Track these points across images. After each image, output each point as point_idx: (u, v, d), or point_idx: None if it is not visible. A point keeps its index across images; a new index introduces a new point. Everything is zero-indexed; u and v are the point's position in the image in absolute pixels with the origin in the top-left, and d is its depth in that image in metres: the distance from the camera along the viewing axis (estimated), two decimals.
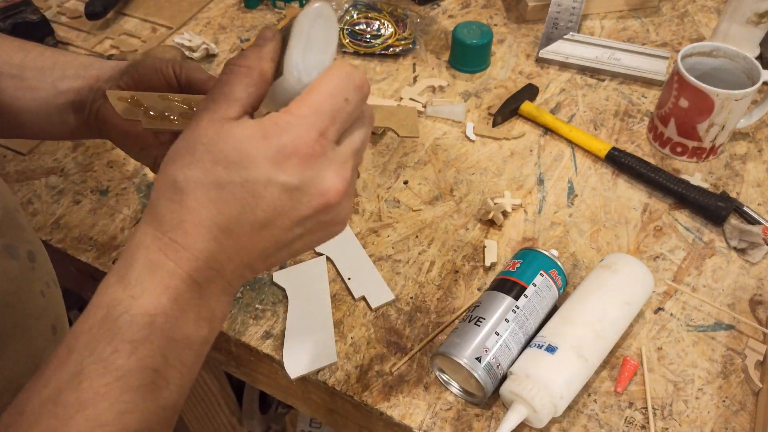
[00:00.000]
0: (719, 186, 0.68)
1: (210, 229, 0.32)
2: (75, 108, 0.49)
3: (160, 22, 0.92)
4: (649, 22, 0.90)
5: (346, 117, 0.33)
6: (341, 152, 0.33)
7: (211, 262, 0.32)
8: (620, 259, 0.56)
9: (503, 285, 0.54)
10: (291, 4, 0.94)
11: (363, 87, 0.34)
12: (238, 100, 0.33)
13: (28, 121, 0.50)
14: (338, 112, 0.32)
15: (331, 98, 0.32)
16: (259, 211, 0.31)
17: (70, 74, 0.49)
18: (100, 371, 0.30)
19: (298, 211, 0.32)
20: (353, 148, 0.34)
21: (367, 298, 0.59)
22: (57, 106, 0.49)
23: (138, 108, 0.44)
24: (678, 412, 0.52)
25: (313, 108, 0.32)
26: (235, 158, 0.31)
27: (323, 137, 0.32)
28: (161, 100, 0.45)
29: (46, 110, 0.50)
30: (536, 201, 0.68)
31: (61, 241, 0.65)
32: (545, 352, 0.50)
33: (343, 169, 0.33)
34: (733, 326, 0.57)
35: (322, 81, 0.33)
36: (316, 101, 0.32)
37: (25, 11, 0.85)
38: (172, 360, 0.32)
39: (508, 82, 0.81)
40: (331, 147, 0.32)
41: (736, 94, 0.64)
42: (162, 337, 0.31)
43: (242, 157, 0.31)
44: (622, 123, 0.76)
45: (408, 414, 0.52)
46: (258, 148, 0.31)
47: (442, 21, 0.92)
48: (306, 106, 0.32)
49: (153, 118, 0.45)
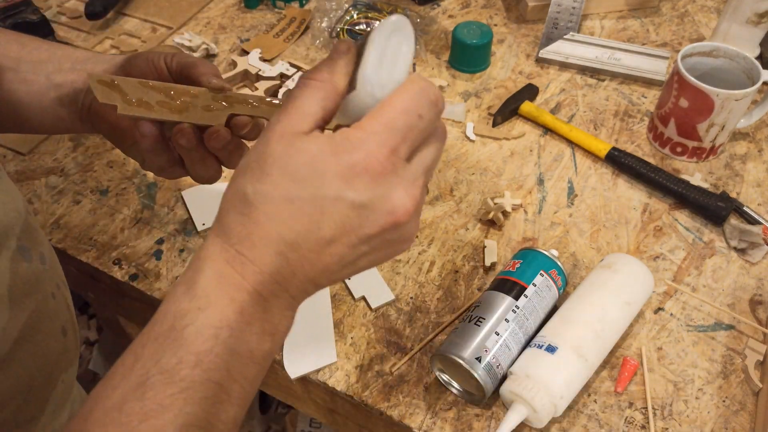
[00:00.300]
0: (719, 186, 0.68)
1: (277, 244, 0.32)
2: (69, 101, 0.49)
3: (160, 22, 0.92)
4: (649, 22, 0.90)
5: (419, 134, 0.33)
6: (412, 170, 0.33)
7: (277, 277, 0.32)
8: (620, 259, 0.56)
9: (503, 285, 0.54)
10: (291, 4, 0.94)
11: (438, 103, 0.33)
12: (311, 114, 0.33)
13: (22, 114, 0.50)
14: (411, 129, 0.32)
15: (404, 115, 0.32)
16: (326, 227, 0.31)
17: (65, 68, 0.49)
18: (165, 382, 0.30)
19: (365, 228, 0.32)
20: (424, 165, 0.33)
21: (367, 298, 0.59)
22: (51, 100, 0.49)
23: (116, 93, 0.44)
24: (678, 412, 0.52)
25: (385, 124, 0.31)
26: (305, 173, 0.31)
27: (394, 155, 0.31)
28: (141, 87, 0.45)
29: (40, 103, 0.50)
30: (536, 201, 0.68)
31: (61, 241, 0.65)
32: (545, 352, 0.50)
33: (413, 187, 0.32)
34: (733, 326, 0.57)
35: (396, 96, 0.32)
36: (389, 117, 0.32)
37: (25, 11, 0.85)
38: (234, 373, 0.32)
39: (508, 82, 0.81)
40: (401, 164, 0.32)
41: (736, 94, 0.64)
42: (226, 350, 0.31)
43: (312, 173, 0.31)
44: (622, 123, 0.76)
45: (408, 414, 0.52)
46: (328, 163, 0.31)
47: (442, 21, 0.92)
48: (378, 122, 0.32)
49: (129, 103, 0.44)
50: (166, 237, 0.65)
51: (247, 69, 0.81)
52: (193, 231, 0.65)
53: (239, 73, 0.81)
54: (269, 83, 0.79)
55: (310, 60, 0.85)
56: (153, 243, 0.65)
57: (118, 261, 0.63)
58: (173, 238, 0.65)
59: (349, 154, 0.31)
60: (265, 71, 0.80)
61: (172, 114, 0.45)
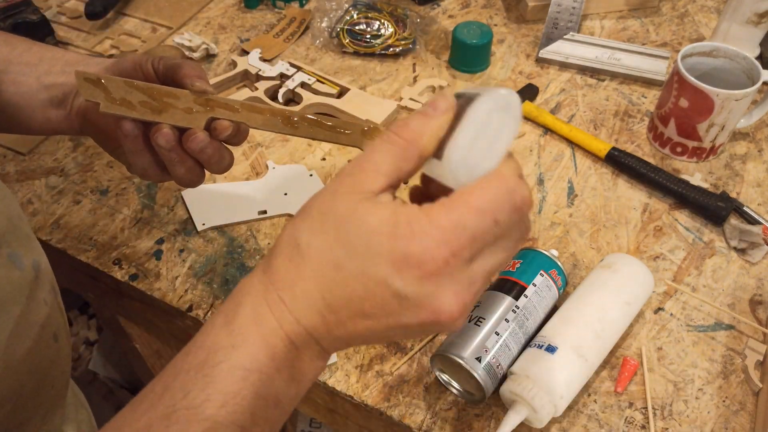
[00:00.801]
0: (719, 186, 0.68)
1: (317, 302, 0.31)
2: (58, 103, 0.50)
3: (160, 22, 0.92)
4: (649, 22, 0.90)
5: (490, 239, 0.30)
6: (470, 274, 0.30)
7: (312, 331, 0.32)
8: (620, 259, 0.56)
9: (503, 285, 0.54)
10: (291, 4, 0.94)
11: (523, 207, 0.30)
12: (386, 174, 0.31)
13: (10, 115, 0.50)
14: (483, 233, 0.29)
15: (479, 216, 0.29)
16: (367, 305, 0.31)
17: (55, 70, 0.50)
18: (190, 418, 0.30)
19: (404, 318, 0.31)
20: (486, 270, 0.31)
21: None
22: (41, 101, 0.50)
23: (100, 91, 0.45)
24: (678, 412, 0.52)
25: (455, 222, 0.29)
26: (359, 247, 0.30)
27: (455, 257, 0.29)
28: (125, 86, 0.45)
29: (30, 105, 0.50)
30: (536, 201, 0.67)
31: (61, 241, 0.65)
32: (545, 352, 0.50)
33: (467, 292, 0.30)
34: (733, 326, 0.57)
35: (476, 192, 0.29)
36: (461, 216, 0.29)
37: (25, 11, 0.85)
38: (257, 418, 0.32)
39: (508, 82, 0.81)
40: (460, 267, 0.29)
41: (736, 94, 0.64)
42: (253, 394, 0.31)
43: (365, 250, 0.30)
44: (622, 123, 0.76)
45: (408, 414, 0.52)
46: (383, 245, 0.29)
47: (442, 21, 0.92)
48: (448, 217, 0.29)
49: (111, 101, 0.45)
50: (166, 237, 0.65)
51: (247, 69, 0.81)
52: (193, 231, 0.65)
53: (239, 73, 0.81)
54: (269, 83, 0.79)
55: (310, 60, 0.85)
56: (153, 243, 0.65)
57: (118, 261, 0.63)
58: (173, 238, 0.65)
59: (407, 242, 0.29)
60: (265, 71, 0.80)
61: (153, 114, 0.45)
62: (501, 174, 0.30)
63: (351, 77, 0.83)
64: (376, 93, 0.80)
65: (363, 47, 0.85)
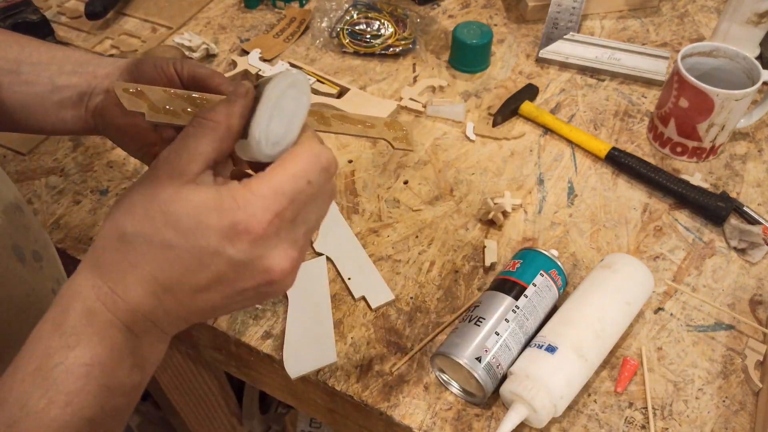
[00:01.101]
0: (719, 186, 0.68)
1: (151, 285, 0.32)
2: (72, 104, 0.50)
3: (160, 22, 0.92)
4: (649, 22, 0.90)
5: (306, 198, 0.33)
6: (294, 231, 0.33)
7: (149, 315, 0.33)
8: (620, 259, 0.56)
9: (503, 285, 0.54)
10: (291, 4, 0.94)
11: (329, 168, 0.34)
12: (202, 154, 0.33)
13: (24, 116, 0.50)
14: (299, 194, 0.33)
15: (293, 180, 0.32)
16: (202, 277, 0.32)
17: (67, 70, 0.49)
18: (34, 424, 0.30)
19: (240, 283, 0.33)
20: (308, 227, 0.34)
21: (367, 298, 0.59)
22: (54, 102, 0.49)
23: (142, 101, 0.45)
24: (678, 412, 0.52)
25: (273, 188, 0.32)
26: (188, 224, 0.31)
27: (278, 218, 0.32)
28: (165, 94, 0.46)
29: (43, 105, 0.50)
30: (536, 201, 0.68)
31: (61, 241, 0.65)
32: (545, 352, 0.50)
33: (293, 248, 0.33)
34: (733, 326, 0.57)
35: (288, 161, 0.33)
36: (278, 182, 0.32)
37: (25, 11, 0.85)
38: (107, 408, 0.32)
39: (508, 82, 0.81)
40: (284, 227, 0.33)
41: (736, 94, 0.64)
42: (98, 387, 0.31)
43: (194, 225, 0.31)
44: (622, 123, 0.76)
45: (408, 414, 0.52)
46: (211, 218, 0.31)
47: (442, 21, 0.92)
48: (267, 185, 0.32)
49: (156, 110, 0.45)
50: None
51: (247, 69, 0.81)
52: None
53: (239, 73, 0.81)
54: None
55: (310, 60, 0.85)
56: None
57: None
58: None
59: (234, 213, 0.31)
60: (265, 71, 0.80)
61: None
62: (304, 143, 0.34)
63: (351, 77, 0.83)
64: (376, 93, 0.80)
65: (363, 47, 0.85)
